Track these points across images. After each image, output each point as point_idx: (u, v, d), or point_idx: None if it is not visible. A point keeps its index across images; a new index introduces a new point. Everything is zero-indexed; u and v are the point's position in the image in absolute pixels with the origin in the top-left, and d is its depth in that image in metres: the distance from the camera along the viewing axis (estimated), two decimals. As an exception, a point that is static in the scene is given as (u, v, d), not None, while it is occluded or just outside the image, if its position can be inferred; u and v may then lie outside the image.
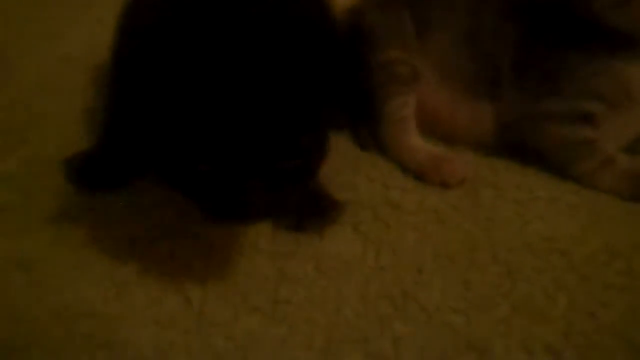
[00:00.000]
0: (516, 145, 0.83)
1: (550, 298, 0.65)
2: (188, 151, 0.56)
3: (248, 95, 0.55)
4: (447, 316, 0.63)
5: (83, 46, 1.05)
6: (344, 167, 0.81)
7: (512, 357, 0.59)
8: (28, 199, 0.76)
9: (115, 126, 0.76)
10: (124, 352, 0.61)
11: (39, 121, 0.89)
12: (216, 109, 0.55)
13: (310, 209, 0.72)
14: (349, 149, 0.86)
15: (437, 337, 0.61)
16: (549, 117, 0.81)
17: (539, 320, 0.63)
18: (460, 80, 0.85)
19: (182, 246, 0.70)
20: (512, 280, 0.67)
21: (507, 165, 0.83)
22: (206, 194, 0.58)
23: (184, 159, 0.57)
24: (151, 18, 0.60)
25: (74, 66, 0.99)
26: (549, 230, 0.72)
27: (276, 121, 0.56)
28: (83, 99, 0.89)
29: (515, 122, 0.83)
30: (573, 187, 0.79)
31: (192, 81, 0.55)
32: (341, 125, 0.88)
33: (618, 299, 0.65)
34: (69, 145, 0.80)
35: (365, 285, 0.66)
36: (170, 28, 0.57)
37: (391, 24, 0.88)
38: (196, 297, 0.65)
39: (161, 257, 0.69)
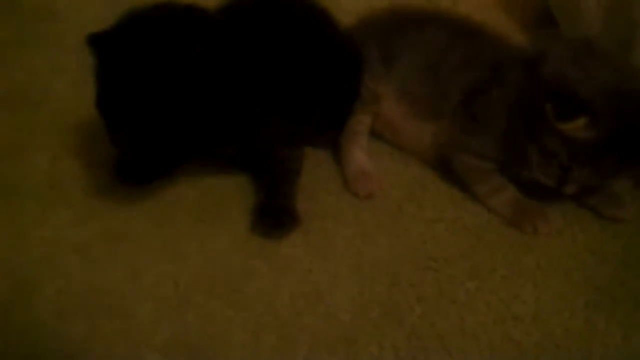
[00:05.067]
0: (443, 162, 1.08)
1: (410, 307, 0.91)
2: None
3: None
4: (339, 313, 0.90)
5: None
6: (316, 179, 1.09)
7: (369, 349, 0.86)
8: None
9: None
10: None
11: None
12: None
13: (275, 221, 1.01)
14: (329, 163, 1.13)
15: (326, 327, 0.89)
16: (465, 149, 1.05)
17: (395, 324, 0.89)
18: (413, 102, 1.10)
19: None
20: (392, 290, 0.93)
21: (439, 183, 1.08)
22: None
23: None
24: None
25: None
26: (434, 251, 0.98)
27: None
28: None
29: (445, 144, 1.08)
30: (477, 209, 1.04)
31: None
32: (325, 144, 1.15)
33: (456, 313, 0.90)
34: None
35: (295, 282, 0.94)
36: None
37: (365, 55, 1.14)
38: (183, 281, 0.95)
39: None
